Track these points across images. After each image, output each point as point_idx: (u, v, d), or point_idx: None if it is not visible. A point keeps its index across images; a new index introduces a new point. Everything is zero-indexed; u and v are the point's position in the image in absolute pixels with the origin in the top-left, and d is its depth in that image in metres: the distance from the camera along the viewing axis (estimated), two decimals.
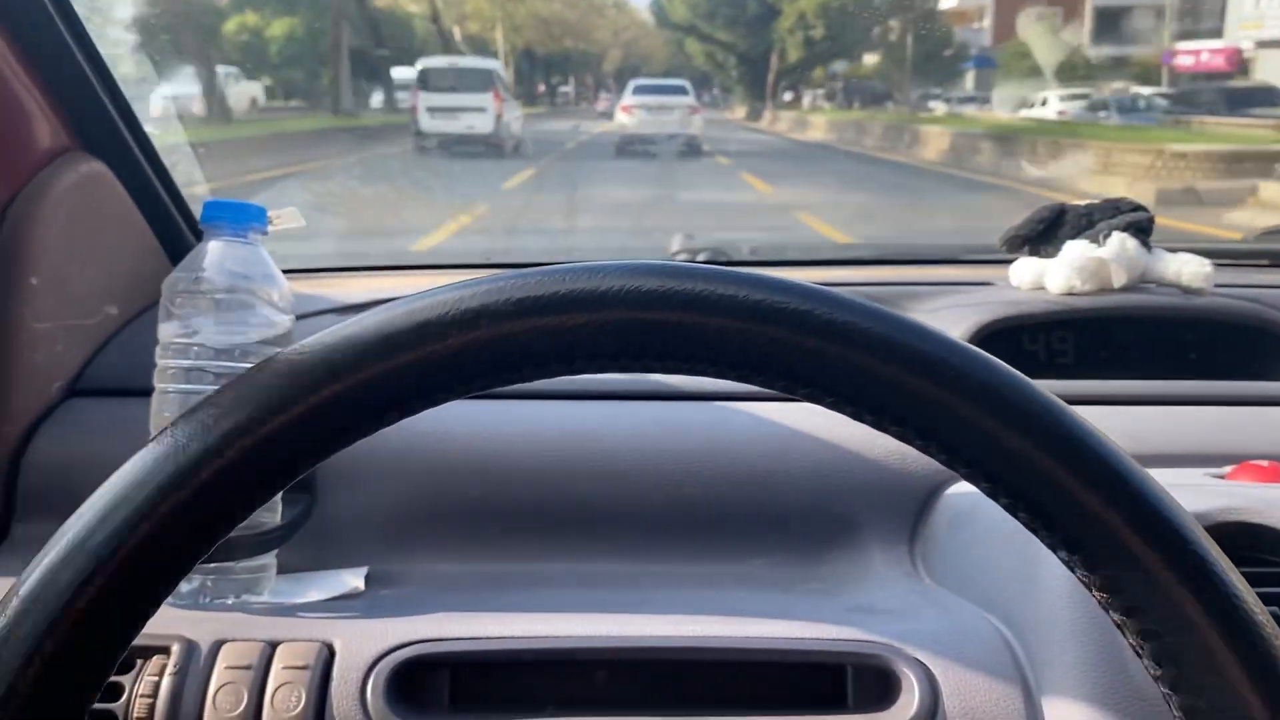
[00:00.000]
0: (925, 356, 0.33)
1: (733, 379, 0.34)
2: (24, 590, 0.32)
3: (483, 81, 11.90)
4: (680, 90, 16.84)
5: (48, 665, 0.32)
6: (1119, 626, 0.34)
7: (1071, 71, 22.99)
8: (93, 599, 0.32)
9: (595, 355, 0.34)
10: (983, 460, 0.34)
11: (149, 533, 0.32)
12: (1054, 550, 0.35)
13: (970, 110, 24.26)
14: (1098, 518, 0.33)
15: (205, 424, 0.33)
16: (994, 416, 0.33)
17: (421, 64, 12.59)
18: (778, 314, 0.33)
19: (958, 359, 0.34)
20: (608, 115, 19.20)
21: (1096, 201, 1.14)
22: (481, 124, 11.68)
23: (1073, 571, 0.34)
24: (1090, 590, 0.34)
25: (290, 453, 0.34)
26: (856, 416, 0.34)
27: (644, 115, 14.96)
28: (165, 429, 0.34)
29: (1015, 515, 0.35)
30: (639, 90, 16.17)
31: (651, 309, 0.33)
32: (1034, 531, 0.35)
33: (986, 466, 0.34)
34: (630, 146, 14.18)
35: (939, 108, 26.77)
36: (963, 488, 0.84)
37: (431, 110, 11.54)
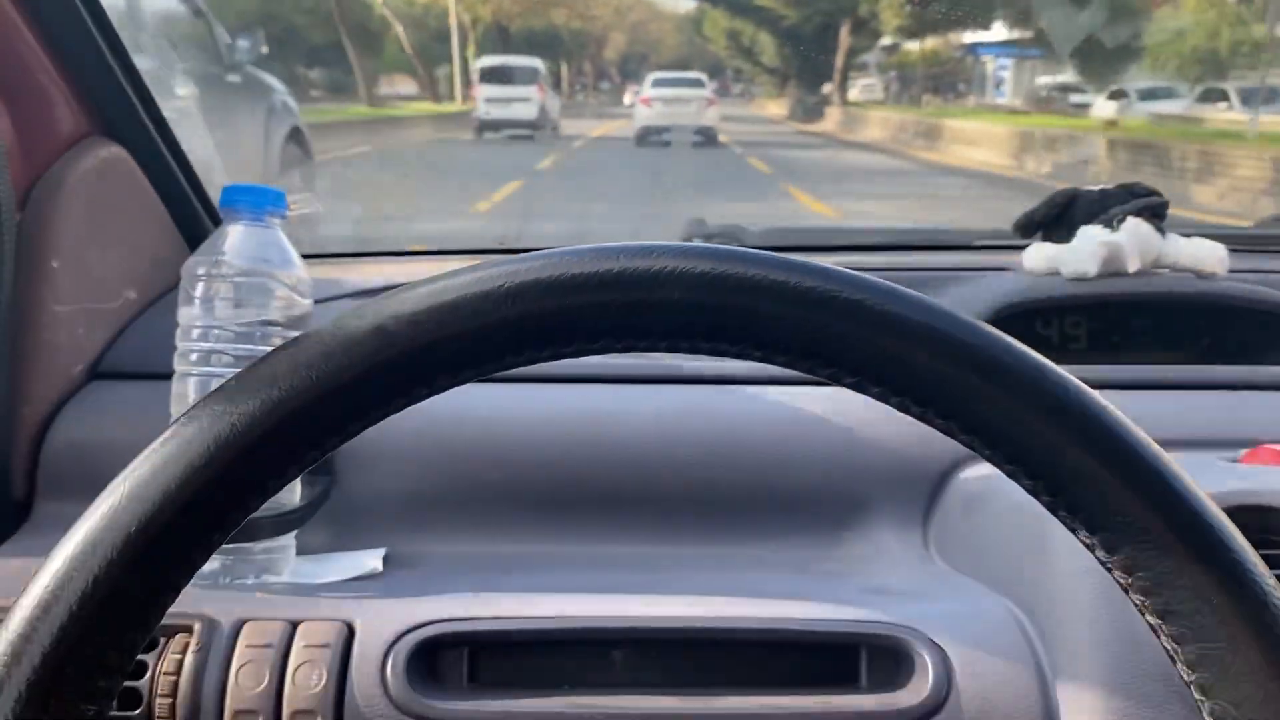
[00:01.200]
0: (953, 339, 0.34)
1: (780, 364, 0.35)
2: (55, 566, 0.33)
3: (529, 76, 14.97)
4: (698, 83, 17.65)
5: (79, 643, 0.32)
6: (1139, 608, 0.35)
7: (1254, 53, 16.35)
8: (128, 568, 0.33)
9: (647, 333, 0.34)
10: (1004, 442, 0.35)
11: (187, 501, 0.33)
12: (1074, 532, 0.35)
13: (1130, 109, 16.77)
14: (1117, 499, 0.34)
15: (247, 393, 0.34)
16: (1015, 399, 0.34)
17: (480, 62, 15.85)
18: (830, 302, 0.34)
19: (981, 342, 0.34)
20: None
21: (1110, 186, 1.14)
22: (527, 112, 14.55)
23: (1092, 553, 0.35)
24: (1110, 571, 0.35)
25: (336, 418, 0.34)
26: (881, 397, 0.35)
27: (662, 107, 15.74)
28: (214, 391, 0.34)
29: (1036, 497, 0.35)
30: (658, 83, 17.02)
31: (709, 291, 0.34)
32: (1054, 512, 0.35)
33: (1008, 449, 0.35)
34: (649, 138, 15.10)
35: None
36: (975, 471, 0.85)
37: (489, 100, 14.60)
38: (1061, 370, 0.35)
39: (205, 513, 0.34)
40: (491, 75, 15.28)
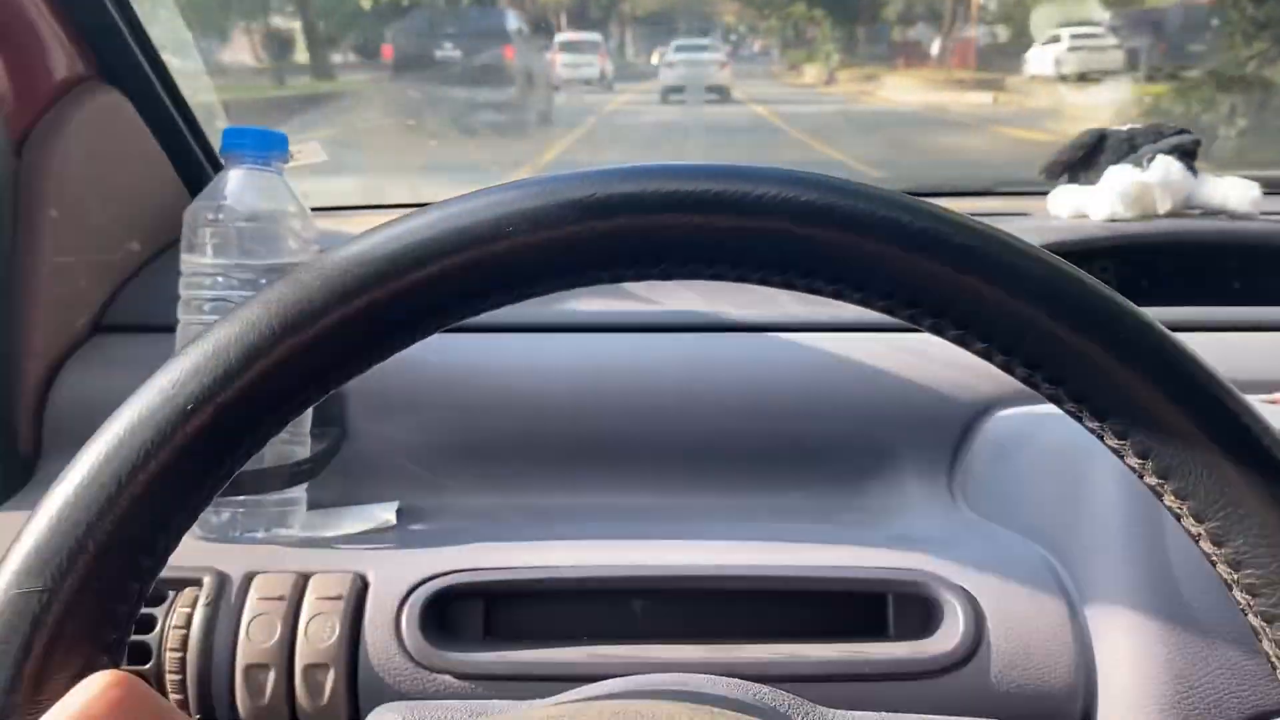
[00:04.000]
0: (1015, 267, 0.32)
1: (878, 309, 0.32)
2: (50, 511, 0.31)
3: (592, 48, 20.81)
4: (712, 48, 21.78)
5: (80, 592, 0.30)
6: (1209, 557, 0.32)
7: None
8: (128, 509, 0.31)
9: (741, 261, 0.32)
10: (1071, 379, 0.32)
11: (188, 436, 0.31)
12: (1140, 477, 0.33)
13: None
14: (1189, 438, 0.32)
15: (249, 323, 0.31)
16: (1083, 334, 0.32)
17: (559, 38, 20.99)
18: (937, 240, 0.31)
19: (1045, 271, 0.32)
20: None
21: (1138, 126, 1.11)
22: (592, 73, 20.08)
23: (1159, 498, 0.33)
24: (1179, 520, 0.32)
25: (344, 349, 0.32)
26: (936, 329, 0.32)
27: (683, 70, 19.59)
28: (226, 314, 0.32)
29: (1101, 439, 0.33)
30: (678, 49, 20.97)
31: (812, 223, 0.31)
32: (1121, 457, 0.33)
33: (1074, 385, 0.32)
34: (672, 95, 18.59)
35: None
36: (1002, 418, 0.82)
37: (565, 65, 19.77)
38: (1136, 307, 0.32)
39: (207, 449, 0.31)
40: (567, 47, 20.91)
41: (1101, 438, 0.33)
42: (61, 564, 0.30)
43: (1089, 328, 0.32)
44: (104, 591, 0.31)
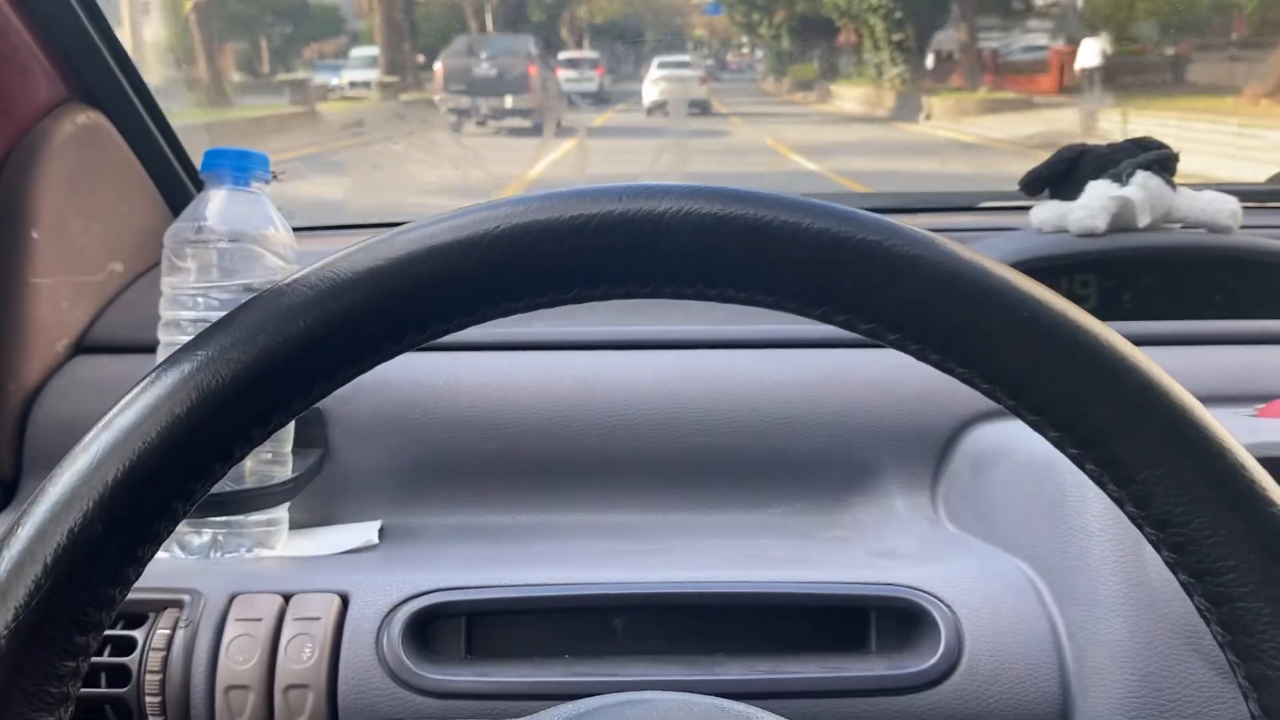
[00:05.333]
0: (974, 282, 0.32)
1: (791, 311, 0.33)
2: (30, 518, 0.31)
3: (591, 64, 22.68)
4: (691, 65, 22.81)
5: (54, 596, 0.30)
6: (1171, 565, 0.32)
7: None
8: (107, 517, 0.31)
9: (651, 278, 0.32)
10: (1028, 391, 0.32)
11: (168, 447, 0.31)
12: (1102, 486, 0.33)
13: None
14: (1150, 450, 0.32)
15: (229, 337, 0.31)
16: (1041, 345, 0.32)
17: (562, 56, 22.61)
18: (845, 243, 0.32)
19: (1004, 286, 0.32)
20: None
21: (1118, 141, 1.11)
22: (591, 87, 21.71)
23: (1122, 507, 0.33)
24: (1141, 527, 0.33)
25: (322, 363, 0.32)
26: (898, 345, 0.33)
27: (666, 85, 20.36)
28: (195, 337, 0.32)
29: (1062, 449, 0.33)
30: (661, 65, 21.81)
31: (715, 234, 0.32)
32: (1080, 465, 0.33)
33: (1032, 397, 0.32)
34: (656, 108, 19.37)
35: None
36: (983, 432, 0.83)
37: (565, 79, 20.99)
38: (1088, 315, 0.33)
39: (187, 459, 0.32)
40: (568, 64, 23.08)
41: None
42: (42, 566, 0.30)
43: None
44: (80, 596, 0.31)
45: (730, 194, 0.32)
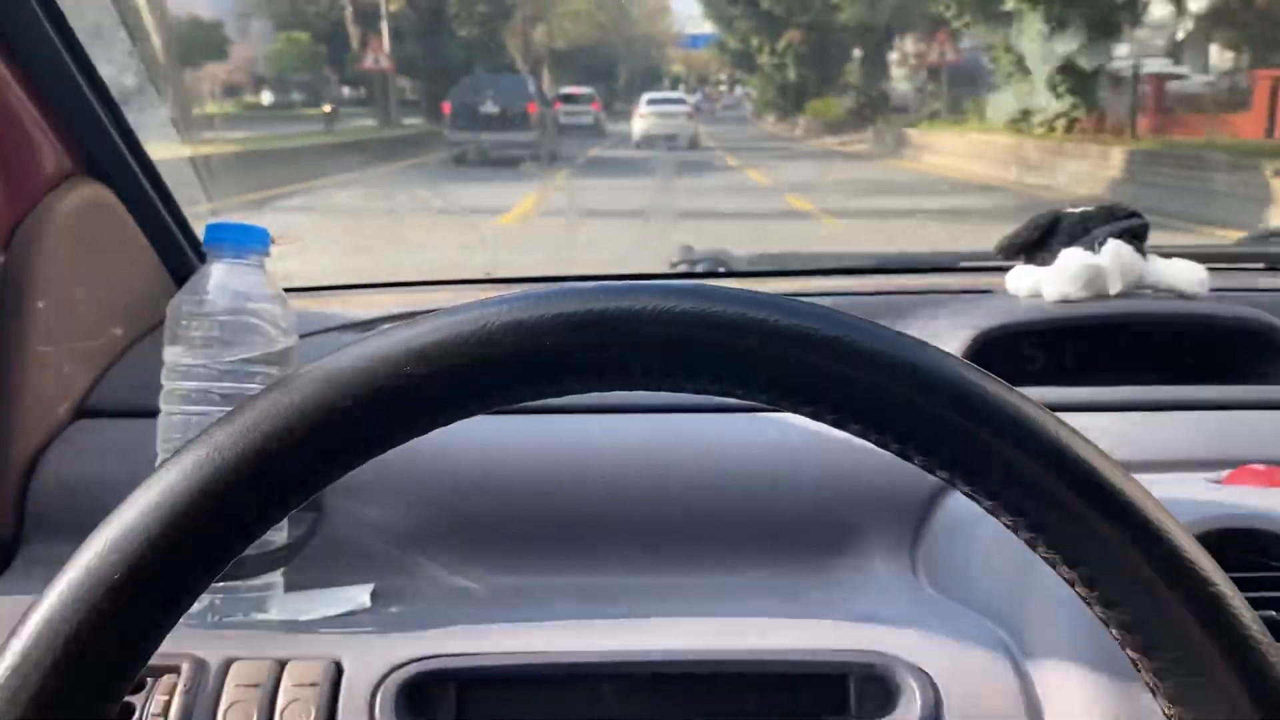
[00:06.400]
0: (926, 375, 0.35)
1: (760, 401, 0.36)
2: (39, 614, 0.33)
3: (587, 99, 25.00)
4: (681, 101, 24.47)
5: (64, 691, 0.32)
6: (1120, 643, 0.35)
7: None
8: (114, 615, 0.33)
9: (626, 371, 0.35)
10: (981, 479, 0.35)
11: (172, 547, 0.33)
12: (1053, 566, 0.35)
13: None
14: (1095, 535, 0.34)
15: (231, 437, 0.34)
16: (990, 437, 0.34)
17: (560, 91, 25.22)
18: (807, 339, 0.35)
19: (954, 378, 0.35)
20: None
21: (1091, 208, 1.15)
22: (588, 120, 23.98)
23: (1073, 588, 0.35)
24: (1091, 606, 0.35)
25: (318, 462, 0.35)
26: (861, 434, 0.36)
27: (655, 120, 21.76)
28: (200, 434, 0.35)
29: (1016, 533, 0.36)
30: (651, 102, 23.42)
31: (688, 330, 0.35)
32: (1033, 548, 0.35)
33: (986, 485, 0.35)
34: (647, 143, 20.72)
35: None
36: (958, 498, 0.85)
37: (564, 113, 23.40)
38: (1036, 405, 0.35)
39: (190, 557, 0.34)
40: (566, 99, 25.50)
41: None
42: (52, 662, 0.32)
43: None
44: (90, 688, 0.33)
45: (700, 291, 0.36)
